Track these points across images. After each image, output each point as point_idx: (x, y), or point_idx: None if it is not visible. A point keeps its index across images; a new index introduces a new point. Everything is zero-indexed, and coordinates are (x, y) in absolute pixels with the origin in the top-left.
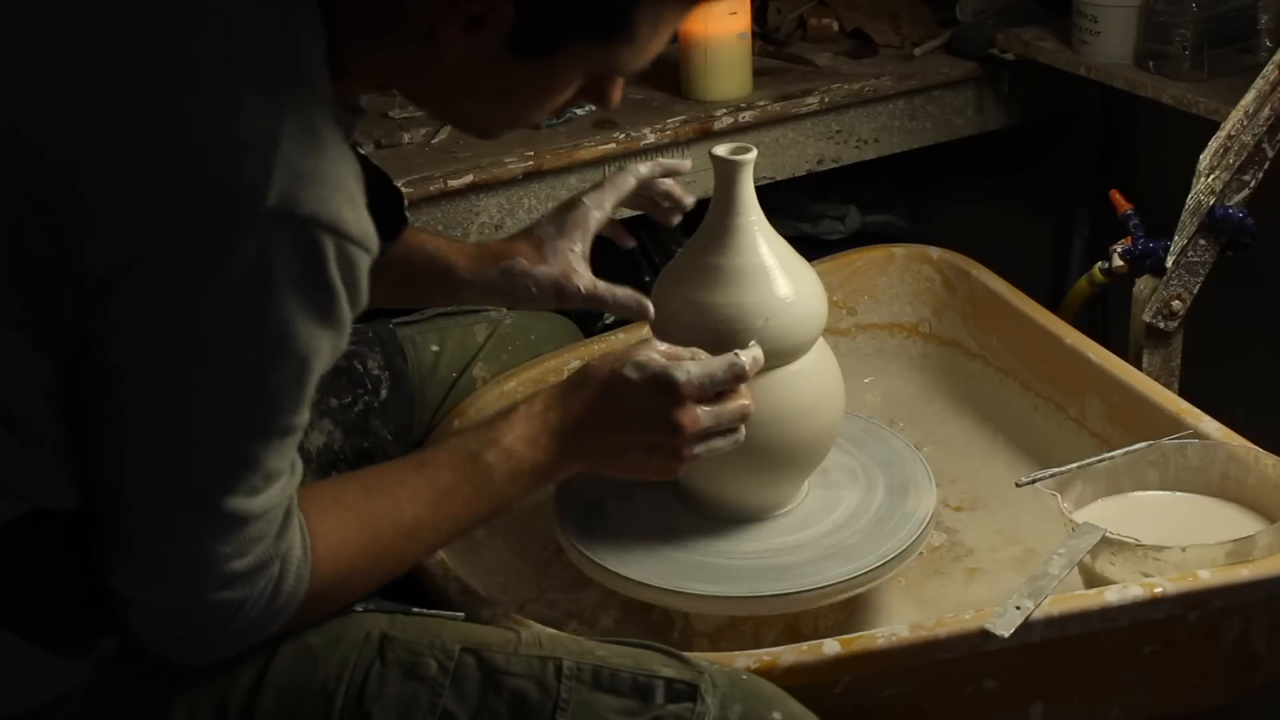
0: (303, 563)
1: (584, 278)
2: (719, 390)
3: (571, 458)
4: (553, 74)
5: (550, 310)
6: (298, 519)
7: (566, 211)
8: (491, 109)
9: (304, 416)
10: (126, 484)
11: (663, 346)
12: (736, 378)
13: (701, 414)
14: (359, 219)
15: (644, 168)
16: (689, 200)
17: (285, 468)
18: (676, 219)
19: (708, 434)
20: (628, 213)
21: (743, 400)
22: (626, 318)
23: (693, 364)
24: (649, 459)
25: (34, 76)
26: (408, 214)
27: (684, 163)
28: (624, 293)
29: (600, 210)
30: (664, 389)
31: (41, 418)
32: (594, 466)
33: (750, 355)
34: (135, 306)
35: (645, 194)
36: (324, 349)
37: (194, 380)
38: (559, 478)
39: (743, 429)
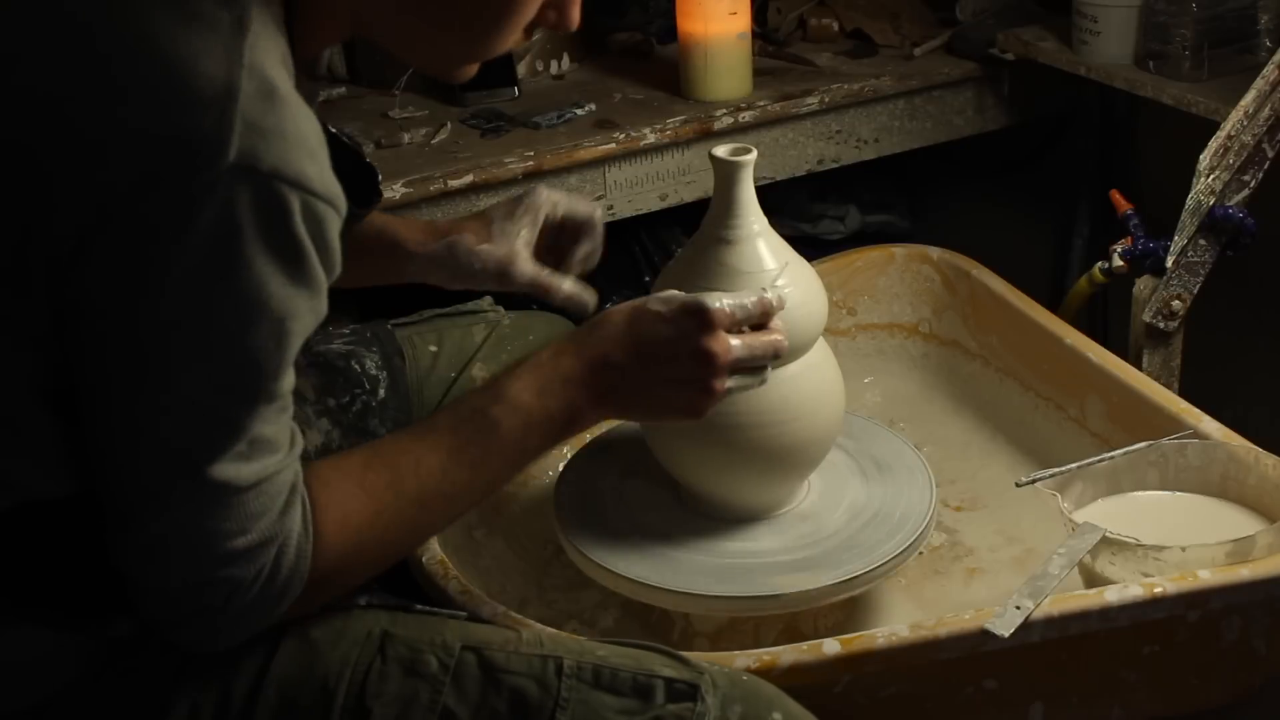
0: (303, 539)
1: (526, 263)
2: (749, 323)
3: (592, 402)
4: None
5: (493, 289)
6: (301, 495)
7: (519, 198)
8: (456, 36)
9: (288, 382)
10: (120, 456)
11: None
12: (765, 311)
13: (735, 344)
14: (322, 175)
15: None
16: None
17: (280, 439)
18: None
19: (739, 365)
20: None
21: (776, 335)
22: (572, 310)
23: (723, 294)
24: (678, 395)
25: None
26: (382, 188)
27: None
28: (570, 285)
29: (550, 205)
30: (694, 315)
31: (25, 410)
32: (619, 410)
33: (774, 293)
34: (105, 271)
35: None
36: (301, 310)
37: (170, 343)
38: (583, 425)
39: (769, 369)
